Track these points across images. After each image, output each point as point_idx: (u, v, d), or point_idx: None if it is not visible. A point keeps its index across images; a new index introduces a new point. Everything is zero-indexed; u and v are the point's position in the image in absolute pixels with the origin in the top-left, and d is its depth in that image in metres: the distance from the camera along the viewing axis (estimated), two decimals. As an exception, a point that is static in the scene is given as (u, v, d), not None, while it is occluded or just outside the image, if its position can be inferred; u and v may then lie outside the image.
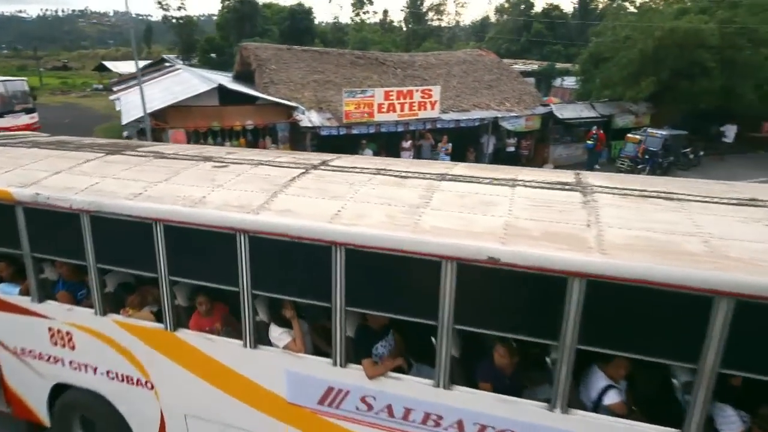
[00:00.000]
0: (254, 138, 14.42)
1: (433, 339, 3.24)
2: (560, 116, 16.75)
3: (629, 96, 17.30)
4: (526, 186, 3.67)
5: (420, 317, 3.18)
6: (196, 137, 13.78)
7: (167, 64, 31.29)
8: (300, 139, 14.50)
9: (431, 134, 15.75)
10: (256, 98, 14.63)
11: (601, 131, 16.98)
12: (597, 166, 16.89)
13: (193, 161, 4.47)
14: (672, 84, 17.32)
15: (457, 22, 57.00)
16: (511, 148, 17.18)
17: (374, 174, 3.97)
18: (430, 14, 51.27)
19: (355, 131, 14.63)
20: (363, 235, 3.10)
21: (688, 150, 16.86)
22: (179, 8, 41.35)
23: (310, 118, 14.32)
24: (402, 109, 14.81)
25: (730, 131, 17.90)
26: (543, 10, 38.16)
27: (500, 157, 17.22)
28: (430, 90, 15.12)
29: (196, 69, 24.38)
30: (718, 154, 18.47)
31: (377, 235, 3.08)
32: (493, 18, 45.90)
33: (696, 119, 19.09)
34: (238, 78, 18.25)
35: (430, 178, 3.86)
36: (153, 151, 4.86)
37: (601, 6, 37.78)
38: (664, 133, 15.46)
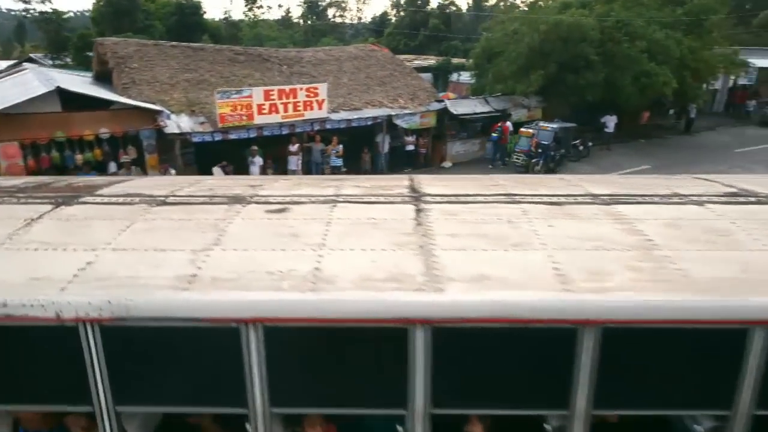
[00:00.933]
0: (112, 149, 12.38)
1: None
2: (455, 112, 16.33)
3: (520, 90, 17.32)
4: (348, 202, 2.79)
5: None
6: (34, 151, 11.53)
7: (31, 64, 27.25)
8: (169, 147, 12.69)
9: (325, 136, 14.63)
10: (111, 102, 12.59)
11: (507, 124, 16.96)
12: (497, 163, 16.75)
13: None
14: (560, 77, 17.59)
15: (360, 18, 56.42)
16: (410, 147, 16.53)
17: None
18: (332, 10, 50.14)
19: (233, 136, 13.09)
20: None
21: (577, 142, 17.20)
22: (43, 1, 36.52)
23: (178, 123, 12.55)
24: (286, 110, 13.49)
25: (611, 122, 18.58)
26: (438, 6, 38.38)
27: (398, 156, 16.53)
28: (316, 88, 13.94)
29: (64, 70, 21.19)
30: (604, 144, 19.13)
31: None
32: (391, 14, 45.60)
33: (585, 111, 19.67)
34: (98, 79, 15.85)
35: (223, 203, 2.78)
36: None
37: (493, 1, 38.75)
38: (554, 126, 15.55)
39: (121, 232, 2.42)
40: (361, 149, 15.53)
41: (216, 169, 12.81)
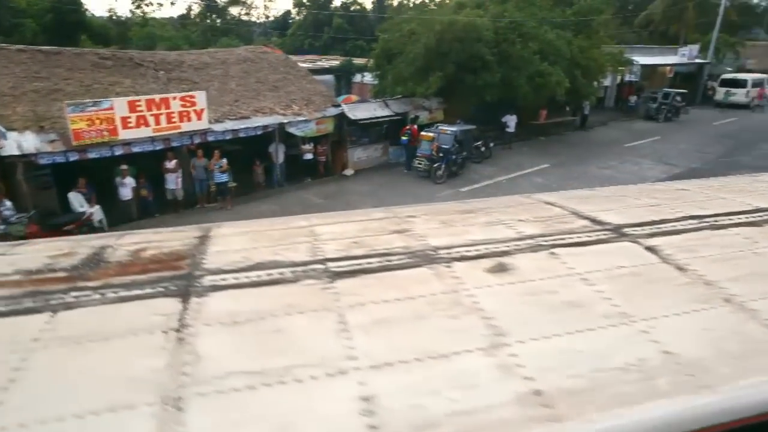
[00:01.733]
0: (-66, 176, 10.18)
1: None
2: (352, 117, 15.48)
3: (420, 92, 16.83)
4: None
5: None
6: None
7: None
8: (10, 173, 10.67)
9: (213, 148, 13.17)
10: (-70, 120, 10.36)
11: (415, 126, 16.53)
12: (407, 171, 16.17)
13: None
14: (458, 78, 17.34)
15: (267, 17, 53.96)
16: (309, 156, 15.47)
17: None
18: (236, 9, 47.33)
19: (93, 155, 11.29)
20: None
21: (479, 143, 17.04)
22: None
23: (20, 143, 10.57)
24: (158, 122, 11.89)
25: (511, 122, 18.70)
26: (342, 5, 37.47)
27: (297, 166, 15.41)
28: (193, 96, 12.44)
29: None
30: (506, 144, 19.23)
31: None
32: (294, 13, 43.98)
33: (488, 111, 19.66)
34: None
35: None
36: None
37: (396, 1, 38.48)
38: (454, 129, 15.19)
39: None
40: (252, 161, 14.25)
41: (72, 195, 11.00)
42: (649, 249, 1.96)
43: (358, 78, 24.55)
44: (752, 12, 53.90)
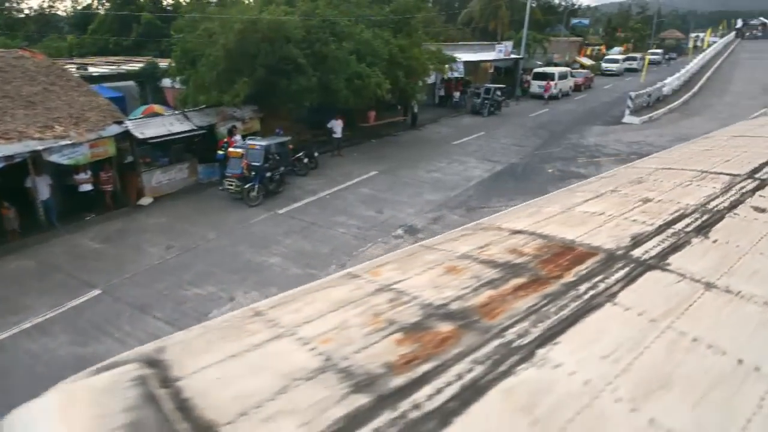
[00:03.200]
0: None
1: None
2: (140, 136, 12.81)
3: (227, 100, 14.71)
4: None
5: None
6: None
7: None
8: None
9: None
10: None
11: (233, 138, 14.50)
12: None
13: None
14: (272, 83, 15.58)
15: (75, 9, 45.66)
16: (87, 186, 12.48)
17: None
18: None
19: None
20: None
21: (301, 154, 15.53)
22: None
23: None
24: None
25: (337, 127, 17.55)
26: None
27: (75, 200, 12.32)
28: None
29: None
30: (336, 151, 18.04)
31: None
32: (96, 5, 38.00)
33: (316, 116, 18.24)
34: None
35: None
36: None
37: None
38: (264, 143, 13.39)
39: None
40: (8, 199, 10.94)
41: None
42: None
43: (168, 83, 21.34)
44: (555, 11, 60.74)
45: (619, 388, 1.12)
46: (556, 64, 38.97)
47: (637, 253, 1.86)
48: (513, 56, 33.45)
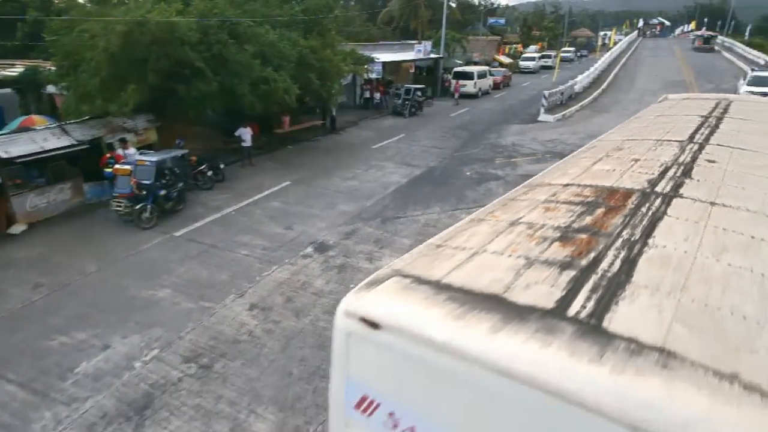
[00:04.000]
0: None
1: None
2: (4, 155, 11.09)
3: (115, 110, 13.20)
4: None
5: None
6: None
7: None
8: None
9: None
10: None
11: (125, 153, 12.98)
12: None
13: None
14: (169, 89, 14.21)
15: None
16: (-61, 215, 10.62)
17: None
18: None
19: None
20: None
21: (203, 167, 14.28)
22: None
23: None
24: None
25: (246, 135, 16.38)
26: (38, -5, 29.88)
27: None
28: None
29: None
30: (246, 160, 16.88)
31: None
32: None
33: (230, 124, 16.96)
34: None
35: None
36: None
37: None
38: (155, 158, 12.04)
39: None
40: None
41: None
42: None
43: (52, 89, 19.10)
44: (474, 10, 62.07)
45: (703, 251, 2.08)
46: (475, 63, 39.57)
47: (658, 189, 2.77)
48: (432, 56, 33.47)
